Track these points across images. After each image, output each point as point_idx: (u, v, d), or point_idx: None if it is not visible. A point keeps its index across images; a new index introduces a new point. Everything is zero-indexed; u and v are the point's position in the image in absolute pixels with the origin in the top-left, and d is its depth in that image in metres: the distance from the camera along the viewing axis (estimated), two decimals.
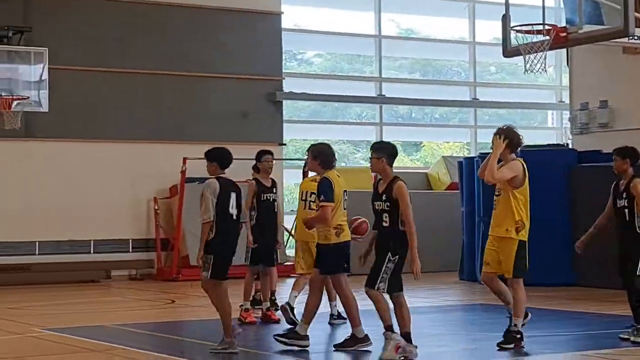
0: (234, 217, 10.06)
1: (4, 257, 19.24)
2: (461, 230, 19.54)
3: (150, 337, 11.79)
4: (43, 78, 19.25)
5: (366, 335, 10.05)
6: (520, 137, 10.34)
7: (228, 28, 21.96)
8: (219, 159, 10.31)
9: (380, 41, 24.84)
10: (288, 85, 22.97)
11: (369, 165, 10.22)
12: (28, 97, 19.00)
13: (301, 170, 20.93)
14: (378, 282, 9.59)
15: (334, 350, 10.10)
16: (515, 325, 10.06)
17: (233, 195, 10.04)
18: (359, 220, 11.78)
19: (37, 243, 19.85)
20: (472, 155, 23.29)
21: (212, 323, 12.86)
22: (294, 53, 25.31)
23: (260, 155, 13.08)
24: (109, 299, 16.92)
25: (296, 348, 9.98)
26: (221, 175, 10.21)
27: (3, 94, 18.65)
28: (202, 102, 21.64)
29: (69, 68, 20.20)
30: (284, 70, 22.88)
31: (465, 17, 26.05)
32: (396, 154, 10.11)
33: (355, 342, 10.01)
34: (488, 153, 10.92)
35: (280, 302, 12.67)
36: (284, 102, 22.83)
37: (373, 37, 24.85)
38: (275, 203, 12.89)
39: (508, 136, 10.16)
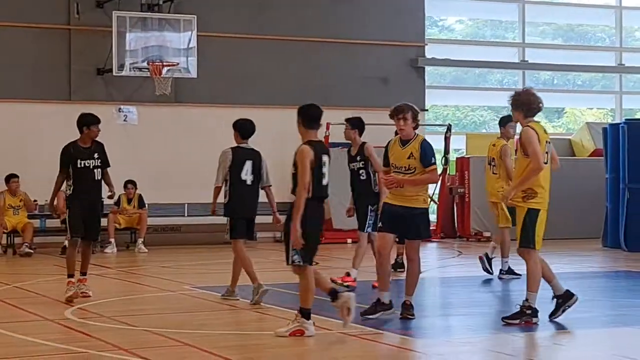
0: (248, 182, 10.76)
1: (156, 218, 19.70)
2: (605, 197, 19.14)
3: (294, 296, 11.89)
4: (191, 45, 19.57)
5: (391, 301, 9.73)
6: (534, 101, 9.71)
7: None
8: (239, 129, 11.22)
9: (523, 6, 24.43)
10: (430, 52, 22.83)
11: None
12: (177, 64, 19.38)
13: (443, 136, 20.89)
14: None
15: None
16: (527, 300, 9.33)
17: (248, 163, 10.75)
18: None
19: (185, 205, 20.30)
20: (617, 121, 22.70)
21: (359, 285, 12.95)
22: (436, 19, 25.11)
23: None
24: (254, 260, 17.07)
25: None
26: (240, 145, 11.10)
27: (154, 61, 19.06)
28: (346, 68, 21.69)
29: (217, 35, 20.50)
30: (426, 37, 22.73)
31: None
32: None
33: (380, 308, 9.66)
34: (635, 119, 10.69)
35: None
36: (426, 68, 22.70)
37: (516, 2, 24.44)
38: (362, 171, 12.48)
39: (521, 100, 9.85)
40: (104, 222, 19.07)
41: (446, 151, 20.87)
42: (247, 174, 10.85)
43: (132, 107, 19.77)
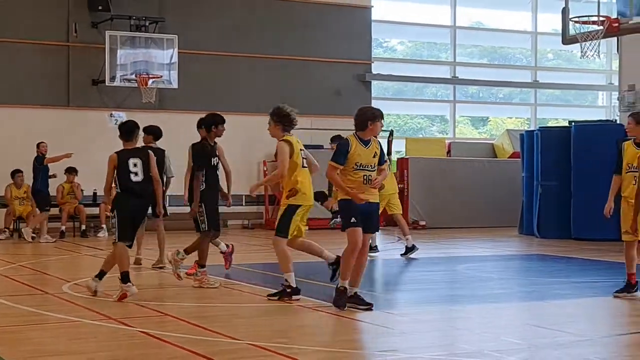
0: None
1: None
2: (521, 192, 19.29)
3: (260, 274, 11.92)
4: (173, 60, 19.51)
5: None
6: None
7: (327, 19, 21.97)
8: (151, 132, 10.70)
9: (455, 31, 24.56)
10: (376, 69, 22.91)
11: (442, 136, 9.75)
12: (161, 76, 19.31)
13: (386, 140, 20.92)
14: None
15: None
16: (286, 280, 9.21)
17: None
18: None
19: (168, 197, 20.06)
20: (532, 129, 22.89)
21: (311, 264, 12.96)
22: (381, 41, 25.16)
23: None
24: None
25: None
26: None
27: (141, 73, 18.99)
28: (305, 81, 21.71)
29: (195, 52, 20.43)
30: (372, 56, 22.82)
31: (528, 11, 25.57)
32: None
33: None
34: (547, 127, 10.86)
35: None
36: (372, 82, 22.77)
37: (449, 27, 24.57)
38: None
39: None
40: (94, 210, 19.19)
41: (389, 152, 20.89)
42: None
43: (122, 112, 19.60)
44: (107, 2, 19.40)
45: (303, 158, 9.41)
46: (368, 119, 8.61)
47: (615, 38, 19.51)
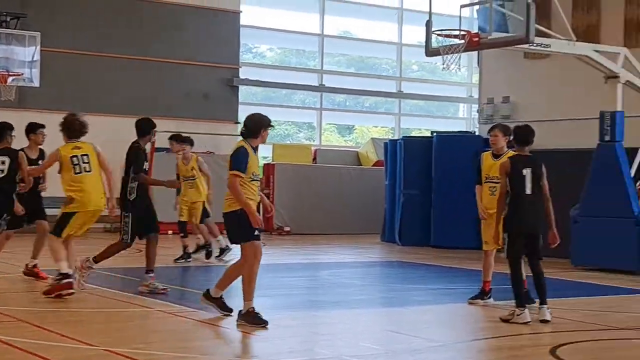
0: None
1: None
2: (384, 200, 19.62)
3: (120, 279, 11.71)
4: (35, 58, 18.89)
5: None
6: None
7: (197, 22, 21.83)
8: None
9: (322, 39, 24.81)
10: (244, 73, 22.89)
11: (309, 143, 9.68)
12: (22, 74, 18.65)
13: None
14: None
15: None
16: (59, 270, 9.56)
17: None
18: None
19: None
20: (396, 138, 23.34)
21: (172, 269, 12.84)
22: (251, 47, 25.15)
23: (35, 127, 11.17)
24: (86, 247, 16.67)
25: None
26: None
27: (1, 70, 18.32)
28: (173, 84, 21.49)
29: (58, 50, 19.88)
30: (241, 61, 22.80)
31: (394, 22, 26.08)
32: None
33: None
34: (410, 137, 11.02)
35: None
36: (240, 87, 22.74)
37: (317, 35, 24.79)
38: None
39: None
40: None
41: None
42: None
43: None
44: None
45: (85, 163, 9.81)
46: (263, 125, 8.18)
47: (476, 52, 20.17)
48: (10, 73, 18.45)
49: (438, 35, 12.83)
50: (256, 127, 8.20)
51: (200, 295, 8.66)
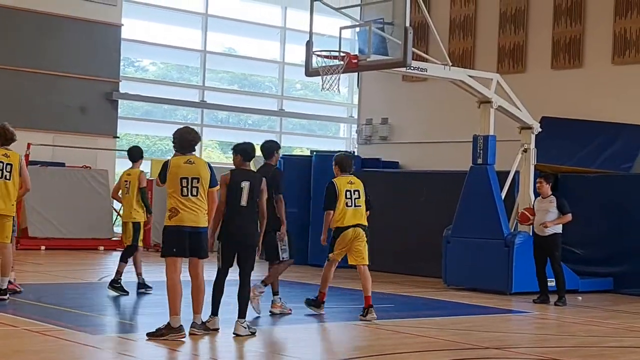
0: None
1: None
2: None
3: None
4: None
5: (181, 326, 8.36)
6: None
7: (75, 34, 21.38)
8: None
9: (205, 55, 24.70)
10: (125, 88, 22.54)
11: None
12: None
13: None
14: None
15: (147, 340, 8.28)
16: None
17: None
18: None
19: None
20: None
21: (41, 287, 12.48)
22: (133, 60, 24.81)
23: None
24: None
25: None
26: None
27: None
28: (50, 96, 20.98)
29: None
30: (122, 75, 22.46)
31: (277, 41, 26.22)
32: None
33: (169, 331, 8.29)
34: (290, 155, 10.92)
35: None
36: (120, 101, 22.38)
37: (200, 51, 24.67)
38: None
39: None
40: None
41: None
42: None
43: None
44: None
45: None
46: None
47: (357, 73, 20.47)
48: None
49: (318, 55, 12.93)
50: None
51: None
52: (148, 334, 8.30)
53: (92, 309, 10.49)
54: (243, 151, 9.13)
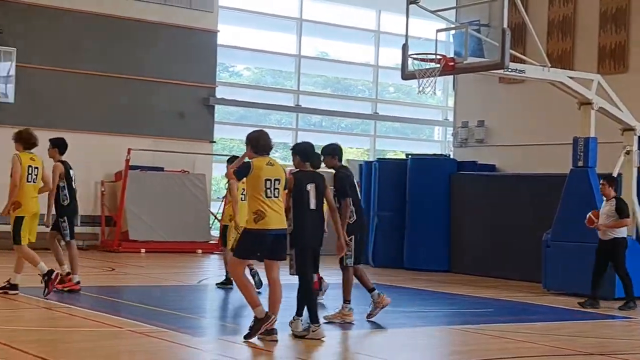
0: None
1: None
2: None
3: (92, 297, 11.61)
4: (10, 74, 18.86)
5: (267, 312, 8.32)
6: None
7: (173, 41, 21.78)
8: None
9: (299, 60, 24.88)
10: (220, 93, 22.89)
11: (286, 162, 9.74)
12: None
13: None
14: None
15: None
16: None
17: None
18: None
19: None
20: (371, 159, 23.41)
21: (144, 289, 12.78)
22: (227, 66, 25.17)
23: None
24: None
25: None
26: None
27: None
28: (148, 102, 21.42)
29: (33, 66, 19.79)
30: (217, 80, 22.80)
31: (371, 44, 26.23)
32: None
33: (259, 323, 8.29)
34: (385, 159, 11.00)
35: None
36: (216, 106, 22.72)
37: (294, 56, 24.86)
38: None
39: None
40: None
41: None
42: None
43: None
44: None
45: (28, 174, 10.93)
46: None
47: (452, 76, 20.33)
48: None
49: (414, 58, 12.90)
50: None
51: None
52: (245, 337, 8.30)
53: (192, 311, 10.69)
54: (302, 151, 8.94)
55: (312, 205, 8.71)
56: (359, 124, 27.06)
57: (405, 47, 13.17)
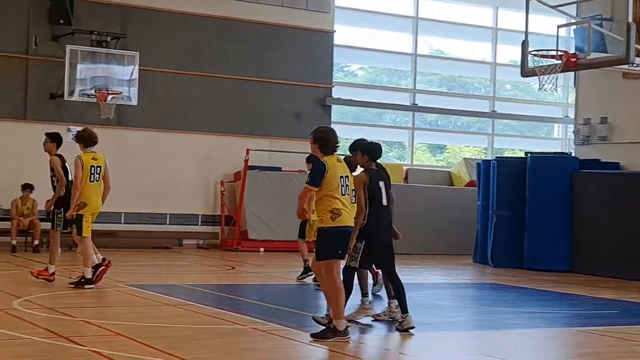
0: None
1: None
2: (476, 220, 19.45)
3: (214, 295, 11.88)
4: (134, 77, 19.43)
5: (347, 328, 8.26)
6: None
7: (290, 42, 22.03)
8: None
9: (415, 59, 24.78)
10: (336, 93, 23.01)
11: (399, 162, 9.69)
12: (121, 92, 19.22)
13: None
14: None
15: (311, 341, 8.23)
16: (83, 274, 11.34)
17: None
18: None
19: (122, 214, 20.03)
20: (488, 158, 23.13)
21: (265, 287, 12.97)
22: (342, 66, 25.29)
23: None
24: (180, 263, 17.05)
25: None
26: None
27: (101, 89, 18.90)
28: (265, 103, 21.73)
29: (156, 70, 20.36)
30: (333, 80, 22.94)
31: (488, 42, 25.90)
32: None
33: (334, 335, 8.20)
34: (503, 157, 10.82)
35: None
36: (332, 106, 22.87)
37: (409, 55, 24.78)
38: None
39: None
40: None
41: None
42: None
43: (80, 127, 19.42)
44: (69, 16, 19.28)
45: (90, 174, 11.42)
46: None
47: (573, 72, 19.87)
48: (110, 92, 19.02)
49: (534, 55, 12.70)
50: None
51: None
52: (312, 335, 8.25)
53: (312, 309, 10.77)
54: (371, 151, 9.19)
55: (385, 202, 9.04)
56: (476, 123, 26.76)
57: (525, 44, 12.98)
